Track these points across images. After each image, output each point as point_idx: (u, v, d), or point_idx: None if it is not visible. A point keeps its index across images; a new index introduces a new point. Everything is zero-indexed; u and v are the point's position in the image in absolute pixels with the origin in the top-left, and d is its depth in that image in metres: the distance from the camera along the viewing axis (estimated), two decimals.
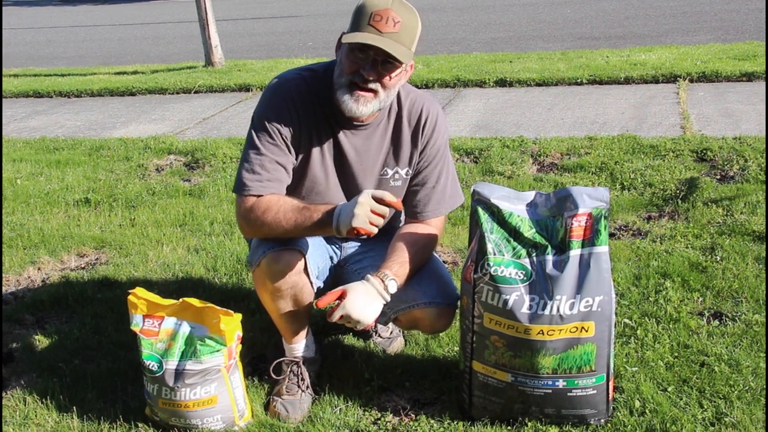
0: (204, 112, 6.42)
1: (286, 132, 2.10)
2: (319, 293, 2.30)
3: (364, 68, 1.98)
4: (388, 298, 2.08)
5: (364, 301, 2.03)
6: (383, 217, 1.96)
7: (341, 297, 2.03)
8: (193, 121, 6.14)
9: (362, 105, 2.03)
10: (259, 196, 2.07)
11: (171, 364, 2.11)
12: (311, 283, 2.18)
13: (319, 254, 2.27)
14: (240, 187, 2.08)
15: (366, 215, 1.92)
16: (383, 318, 2.21)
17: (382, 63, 1.98)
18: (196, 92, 7.28)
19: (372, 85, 2.01)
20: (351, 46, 1.98)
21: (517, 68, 6.90)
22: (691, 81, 6.09)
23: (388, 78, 2.01)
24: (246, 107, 6.49)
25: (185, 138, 5.50)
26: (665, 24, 9.45)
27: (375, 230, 1.95)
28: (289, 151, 2.12)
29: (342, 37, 2.02)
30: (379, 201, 1.95)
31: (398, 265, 2.11)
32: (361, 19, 1.95)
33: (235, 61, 8.66)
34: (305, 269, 2.13)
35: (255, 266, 2.13)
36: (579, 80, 6.36)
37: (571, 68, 6.73)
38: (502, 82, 6.54)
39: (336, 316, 2.02)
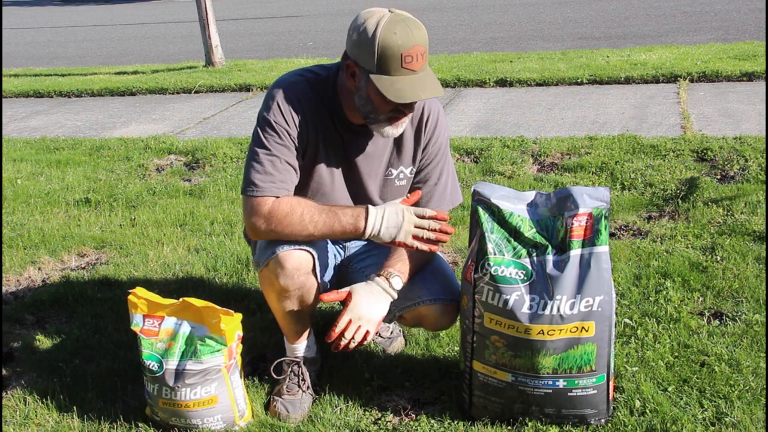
0: (204, 112, 6.42)
1: (294, 133, 2.09)
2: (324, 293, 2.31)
3: (403, 105, 2.00)
4: (395, 295, 2.10)
5: (369, 300, 2.06)
6: (430, 230, 2.04)
7: (346, 300, 2.05)
8: (193, 121, 6.14)
9: (399, 128, 2.08)
10: (274, 197, 2.05)
11: (171, 363, 2.11)
12: (318, 284, 2.19)
13: (325, 254, 2.27)
14: (252, 188, 2.05)
15: (410, 231, 2.03)
16: (389, 316, 2.21)
17: None
18: (196, 92, 7.28)
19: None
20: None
21: (517, 68, 6.90)
22: (692, 81, 6.09)
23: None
24: (246, 107, 6.49)
25: (185, 138, 5.50)
26: (665, 24, 9.46)
27: (423, 247, 2.04)
28: (297, 152, 2.11)
29: (353, 65, 1.99)
30: (420, 216, 2.04)
31: (401, 262, 2.13)
32: (391, 62, 1.92)
33: (235, 61, 8.66)
34: (314, 270, 2.14)
35: (263, 266, 2.12)
36: (579, 80, 6.36)
37: (572, 68, 6.73)
38: (502, 82, 6.54)
39: (344, 322, 2.04)
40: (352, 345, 2.08)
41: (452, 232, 2.08)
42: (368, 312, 2.05)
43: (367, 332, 2.07)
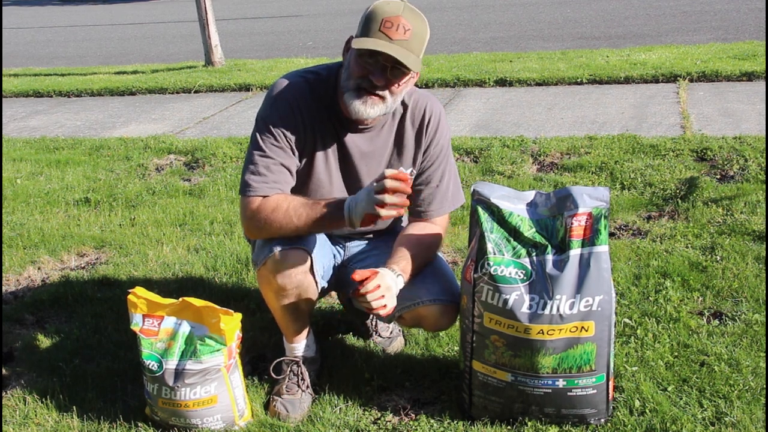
0: (204, 112, 6.42)
1: (291, 134, 2.10)
2: (323, 293, 2.30)
3: (374, 74, 1.98)
4: (396, 291, 2.09)
5: (393, 283, 2.03)
6: (400, 191, 1.88)
7: (354, 292, 2.04)
8: (193, 121, 6.14)
9: (369, 107, 2.03)
10: (264, 196, 2.06)
11: (171, 363, 2.11)
12: (316, 282, 2.18)
13: (323, 254, 2.27)
14: (245, 189, 2.08)
15: (374, 201, 1.88)
16: (388, 316, 2.21)
17: (391, 69, 1.98)
18: (196, 92, 7.28)
19: (380, 91, 2.02)
20: (360, 51, 1.98)
21: (517, 68, 6.90)
22: (691, 81, 6.09)
23: (396, 85, 2.02)
24: (246, 107, 6.49)
25: (185, 137, 5.50)
26: (665, 24, 9.46)
27: (390, 213, 1.89)
28: (294, 154, 2.12)
29: (351, 41, 2.03)
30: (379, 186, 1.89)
31: (405, 262, 2.12)
32: (371, 24, 1.95)
33: (235, 61, 8.66)
34: (311, 269, 2.14)
35: (261, 265, 2.13)
36: (579, 80, 6.36)
37: (571, 68, 6.72)
38: (502, 82, 6.54)
39: (374, 284, 1.95)
40: (367, 306, 1.97)
41: (409, 192, 1.91)
42: (391, 290, 2.01)
43: (383, 306, 1.98)
